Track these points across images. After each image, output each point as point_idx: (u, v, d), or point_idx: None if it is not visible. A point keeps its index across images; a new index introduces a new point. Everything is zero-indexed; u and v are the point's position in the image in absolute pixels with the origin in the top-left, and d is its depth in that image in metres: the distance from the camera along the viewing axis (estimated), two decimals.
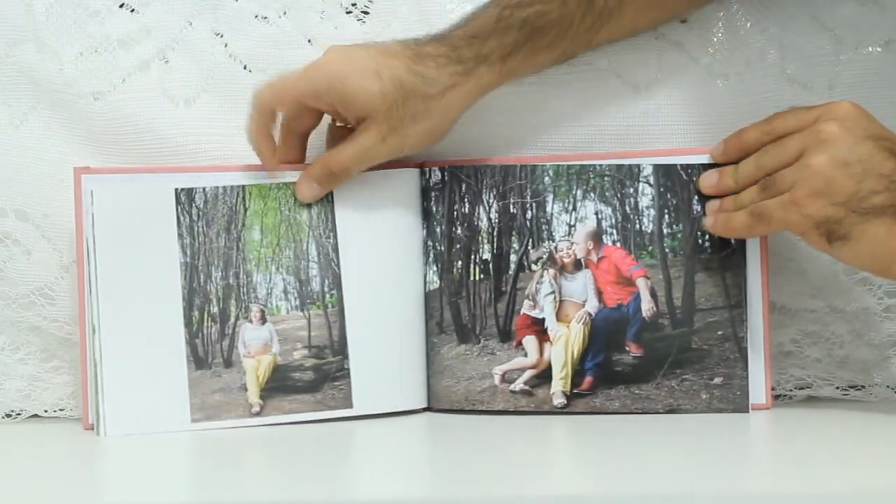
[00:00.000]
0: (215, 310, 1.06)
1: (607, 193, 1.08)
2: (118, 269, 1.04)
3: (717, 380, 1.06)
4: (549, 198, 1.08)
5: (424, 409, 1.09)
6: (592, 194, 1.08)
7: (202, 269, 1.06)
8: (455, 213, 1.09)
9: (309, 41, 1.13)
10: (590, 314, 1.07)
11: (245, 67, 1.13)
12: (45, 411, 1.12)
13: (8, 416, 1.12)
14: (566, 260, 1.08)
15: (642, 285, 1.07)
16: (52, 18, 1.12)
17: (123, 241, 1.04)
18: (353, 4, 1.13)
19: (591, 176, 1.08)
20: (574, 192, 1.08)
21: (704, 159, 1.07)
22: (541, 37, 1.03)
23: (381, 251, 1.08)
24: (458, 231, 1.09)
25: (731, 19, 1.10)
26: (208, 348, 1.05)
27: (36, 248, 1.11)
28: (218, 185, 1.06)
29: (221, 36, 1.13)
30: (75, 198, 1.05)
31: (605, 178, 1.08)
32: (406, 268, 1.09)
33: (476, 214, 1.09)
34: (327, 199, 1.08)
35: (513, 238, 1.09)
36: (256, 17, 1.13)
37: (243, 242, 1.07)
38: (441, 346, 1.09)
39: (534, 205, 1.08)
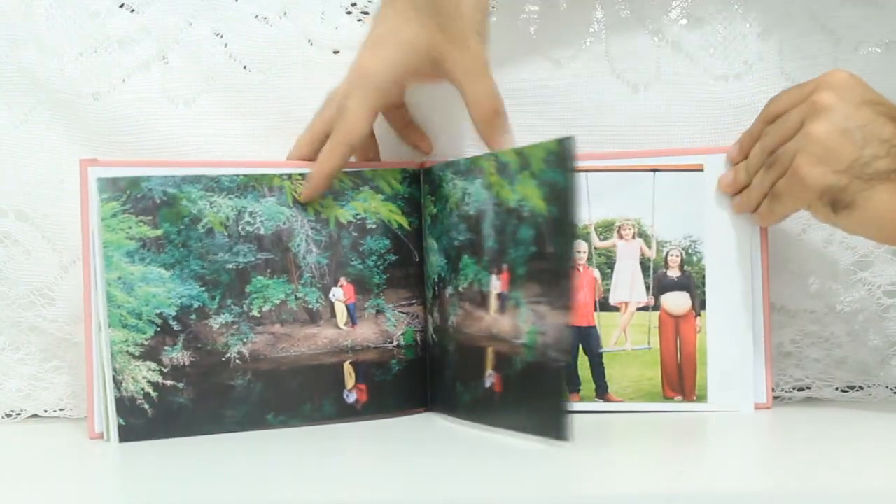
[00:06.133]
0: None
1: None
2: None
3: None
4: None
5: (425, 409, 1.09)
6: None
7: None
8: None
9: (309, 42, 1.13)
10: None
11: (245, 68, 1.13)
12: (45, 411, 1.12)
13: (8, 416, 1.12)
14: None
15: None
16: (52, 19, 1.12)
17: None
18: (353, 5, 1.13)
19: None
20: None
21: (702, 160, 1.07)
22: None
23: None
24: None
25: (731, 20, 1.11)
26: None
27: (36, 248, 1.11)
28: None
29: (221, 36, 1.13)
30: (81, 190, 1.04)
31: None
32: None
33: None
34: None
35: None
36: (256, 17, 1.13)
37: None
38: None
39: None
